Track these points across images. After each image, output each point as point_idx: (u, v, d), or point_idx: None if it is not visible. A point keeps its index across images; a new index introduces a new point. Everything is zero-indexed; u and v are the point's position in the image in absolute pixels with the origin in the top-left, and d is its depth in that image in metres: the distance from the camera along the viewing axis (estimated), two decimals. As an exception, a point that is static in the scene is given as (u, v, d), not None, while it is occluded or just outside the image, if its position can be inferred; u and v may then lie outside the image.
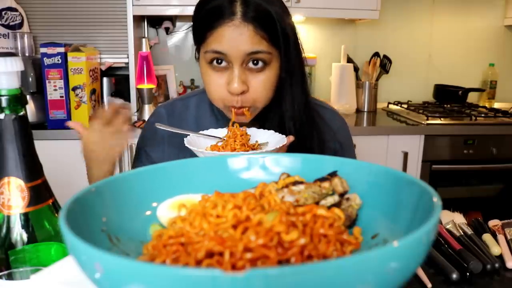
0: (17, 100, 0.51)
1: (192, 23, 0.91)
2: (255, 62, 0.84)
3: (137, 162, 1.05)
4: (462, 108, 2.49)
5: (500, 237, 0.90)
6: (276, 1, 0.86)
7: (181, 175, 0.52)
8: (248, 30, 0.82)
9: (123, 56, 2.29)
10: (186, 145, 0.79)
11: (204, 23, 0.85)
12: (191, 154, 0.78)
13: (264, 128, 0.92)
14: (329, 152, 0.99)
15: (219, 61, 0.84)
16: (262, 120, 0.95)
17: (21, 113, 0.52)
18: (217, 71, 0.85)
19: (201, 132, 0.88)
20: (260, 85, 0.85)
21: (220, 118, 1.00)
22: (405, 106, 2.50)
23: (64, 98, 1.97)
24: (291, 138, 0.82)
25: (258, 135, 0.88)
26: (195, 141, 0.84)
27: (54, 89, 1.95)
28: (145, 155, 1.03)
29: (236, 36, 0.81)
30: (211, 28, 0.83)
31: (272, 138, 0.85)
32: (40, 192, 0.53)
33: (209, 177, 0.53)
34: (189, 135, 0.85)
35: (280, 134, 0.85)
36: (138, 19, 2.30)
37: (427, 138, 2.14)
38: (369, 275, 0.30)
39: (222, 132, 0.88)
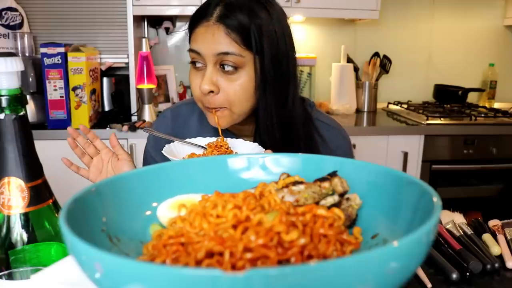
0: (17, 100, 0.51)
1: None
2: (226, 64, 0.85)
3: (144, 164, 1.08)
4: (462, 108, 2.49)
5: (500, 237, 0.90)
6: (262, 9, 0.86)
7: (181, 175, 0.52)
8: (219, 31, 0.84)
9: (123, 56, 2.29)
10: (162, 151, 0.78)
11: (189, 26, 0.90)
12: None
13: (258, 139, 0.92)
14: None
15: (197, 61, 0.88)
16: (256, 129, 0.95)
17: (21, 113, 0.52)
18: (196, 71, 0.89)
19: (187, 139, 0.88)
20: (231, 88, 0.86)
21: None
22: (405, 106, 2.50)
23: (64, 98, 1.97)
24: (269, 152, 0.82)
25: (240, 146, 0.87)
26: (179, 148, 0.85)
27: (54, 89, 1.96)
28: (152, 159, 1.06)
29: (208, 36, 0.85)
30: (192, 29, 0.89)
31: (253, 151, 0.84)
32: (40, 192, 0.53)
33: (209, 177, 0.53)
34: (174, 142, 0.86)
35: (261, 147, 0.84)
36: (138, 19, 2.30)
37: (427, 138, 2.14)
38: (369, 275, 0.30)
39: (210, 141, 0.88)
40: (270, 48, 0.86)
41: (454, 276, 0.76)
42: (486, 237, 0.90)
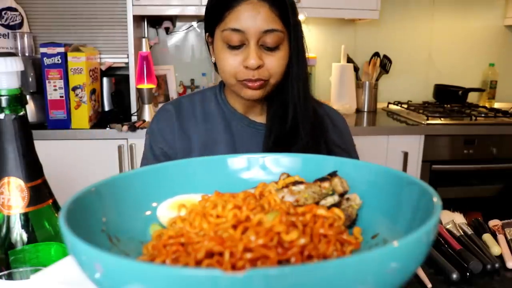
0: (17, 100, 0.51)
1: (203, 11, 0.98)
2: (269, 41, 0.88)
3: (145, 162, 1.06)
4: (462, 108, 2.49)
5: (500, 237, 0.90)
6: None
7: (181, 175, 0.52)
8: (264, 8, 0.87)
9: (123, 56, 2.29)
10: None
11: (222, 4, 0.90)
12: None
13: (269, 112, 0.98)
14: (333, 147, 1.01)
15: (235, 41, 0.88)
16: (268, 102, 1.00)
17: (21, 113, 0.52)
18: (232, 50, 0.90)
19: None
20: (274, 62, 0.90)
21: (224, 107, 1.03)
22: (405, 106, 2.50)
23: (64, 98, 1.97)
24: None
25: None
26: None
27: (54, 89, 1.95)
28: (160, 155, 1.03)
29: (253, 15, 0.87)
30: (230, 7, 0.88)
31: None
32: (40, 192, 0.53)
33: (209, 177, 0.53)
34: None
35: None
36: (138, 19, 2.30)
37: (427, 138, 2.14)
38: (369, 275, 0.30)
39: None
40: (300, 25, 0.94)
41: (454, 276, 0.76)
42: (486, 237, 0.90)
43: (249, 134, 1.01)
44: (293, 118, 0.95)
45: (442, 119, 2.21)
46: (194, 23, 2.50)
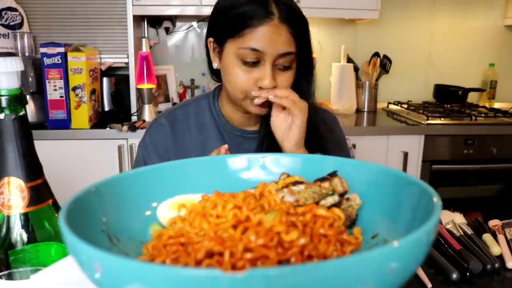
0: (17, 100, 0.51)
1: (211, 14, 0.95)
2: (284, 63, 0.89)
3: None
4: (462, 108, 2.49)
5: (500, 237, 0.90)
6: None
7: (181, 175, 0.52)
8: (285, 31, 0.87)
9: (123, 56, 2.29)
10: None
11: (241, 20, 0.87)
12: None
13: (264, 119, 0.96)
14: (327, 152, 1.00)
15: (251, 59, 0.88)
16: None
17: (21, 113, 0.52)
18: (247, 67, 0.89)
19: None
20: (285, 81, 0.91)
21: (217, 119, 1.03)
22: (405, 106, 2.50)
23: (64, 98, 1.97)
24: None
25: None
26: None
27: (54, 89, 1.95)
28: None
29: (275, 37, 0.86)
30: (251, 26, 0.86)
31: None
32: (40, 192, 0.53)
33: (209, 177, 0.53)
34: None
35: None
36: (138, 19, 2.30)
37: (427, 138, 2.14)
38: (369, 275, 0.30)
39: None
40: (311, 43, 0.95)
41: (454, 276, 0.76)
42: (486, 237, 0.90)
43: (244, 144, 1.02)
44: None
45: (442, 119, 2.21)
46: (194, 23, 2.50)
